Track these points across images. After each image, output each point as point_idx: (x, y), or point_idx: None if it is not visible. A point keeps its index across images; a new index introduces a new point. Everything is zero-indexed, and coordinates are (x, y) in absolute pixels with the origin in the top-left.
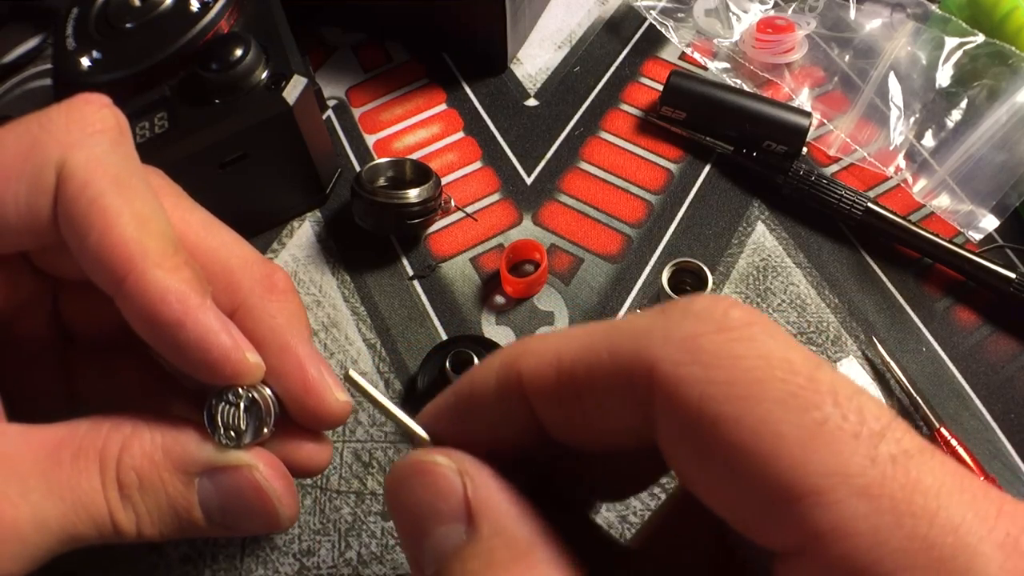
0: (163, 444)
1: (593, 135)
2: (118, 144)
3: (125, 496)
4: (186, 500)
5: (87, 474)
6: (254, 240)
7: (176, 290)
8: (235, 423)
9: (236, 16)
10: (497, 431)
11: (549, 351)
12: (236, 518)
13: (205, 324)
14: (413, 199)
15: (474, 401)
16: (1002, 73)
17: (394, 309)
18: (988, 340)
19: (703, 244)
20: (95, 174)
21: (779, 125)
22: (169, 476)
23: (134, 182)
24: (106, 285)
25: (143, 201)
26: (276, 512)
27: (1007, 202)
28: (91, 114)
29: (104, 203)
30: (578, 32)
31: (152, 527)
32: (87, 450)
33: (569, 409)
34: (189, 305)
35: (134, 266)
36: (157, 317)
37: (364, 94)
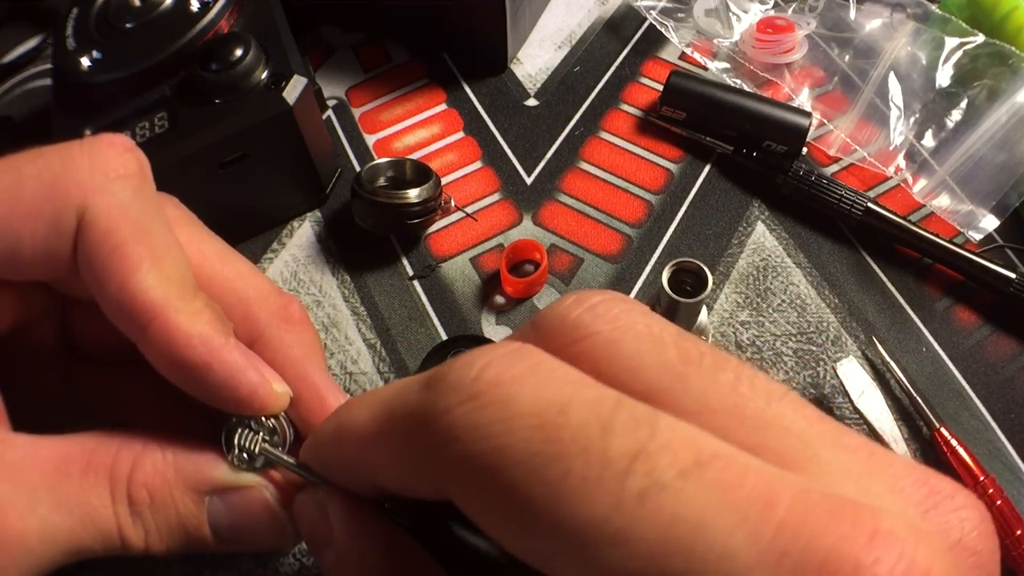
0: (175, 463)
1: (593, 135)
2: (140, 190)
3: (135, 512)
4: (196, 518)
5: (97, 489)
6: (254, 240)
7: (199, 334)
8: (251, 447)
9: (236, 16)
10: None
11: (359, 410)
12: (244, 536)
13: (231, 363)
14: (413, 199)
15: (322, 448)
16: (1002, 73)
17: (394, 309)
18: (988, 340)
19: (703, 244)
20: (117, 222)
21: (779, 125)
22: (180, 494)
23: (155, 228)
24: (128, 331)
25: (164, 248)
26: (284, 531)
27: (1007, 202)
28: (114, 158)
29: (126, 252)
30: (578, 32)
31: (160, 543)
32: (97, 466)
33: (381, 470)
34: (214, 347)
35: (156, 314)
36: (183, 362)
37: (364, 94)
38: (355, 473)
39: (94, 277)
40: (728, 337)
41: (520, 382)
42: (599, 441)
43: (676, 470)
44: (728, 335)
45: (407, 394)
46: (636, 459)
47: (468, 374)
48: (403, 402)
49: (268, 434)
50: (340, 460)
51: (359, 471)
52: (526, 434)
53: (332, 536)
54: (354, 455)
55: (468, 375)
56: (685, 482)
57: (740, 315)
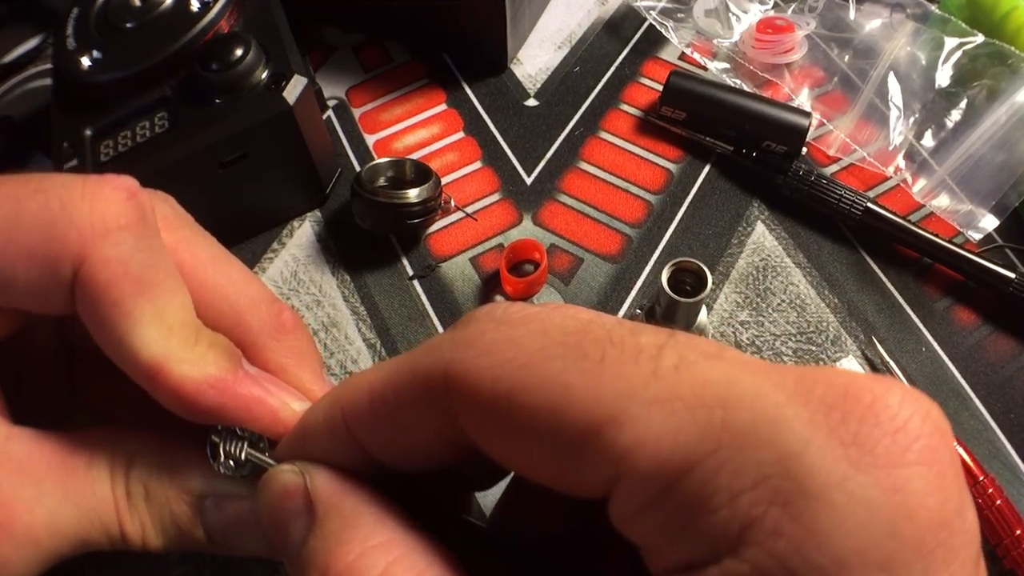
0: (171, 464)
1: (593, 135)
2: (141, 238)
3: (132, 506)
4: (189, 519)
5: (100, 483)
6: (254, 240)
7: (207, 378)
8: (236, 454)
9: (236, 16)
10: (337, 459)
11: (363, 383)
12: (236, 542)
13: (246, 396)
14: (413, 199)
15: (309, 436)
16: (1002, 73)
17: (394, 309)
18: (988, 340)
19: (703, 244)
20: (115, 277)
21: (779, 125)
22: (175, 495)
23: (157, 278)
24: (135, 379)
25: (166, 298)
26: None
27: (1007, 202)
28: (115, 205)
29: (125, 309)
30: (578, 32)
31: (156, 539)
32: (99, 460)
33: (386, 433)
34: (225, 385)
35: (159, 368)
36: (197, 408)
37: (364, 94)
38: (347, 452)
39: (95, 328)
40: (728, 337)
41: (549, 313)
42: (630, 338)
43: (701, 353)
44: (728, 335)
45: (430, 345)
46: (664, 347)
47: (497, 309)
48: (428, 345)
49: (254, 440)
50: (331, 440)
51: (353, 447)
52: (560, 338)
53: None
54: (355, 427)
55: (497, 309)
56: (710, 361)
57: (740, 315)
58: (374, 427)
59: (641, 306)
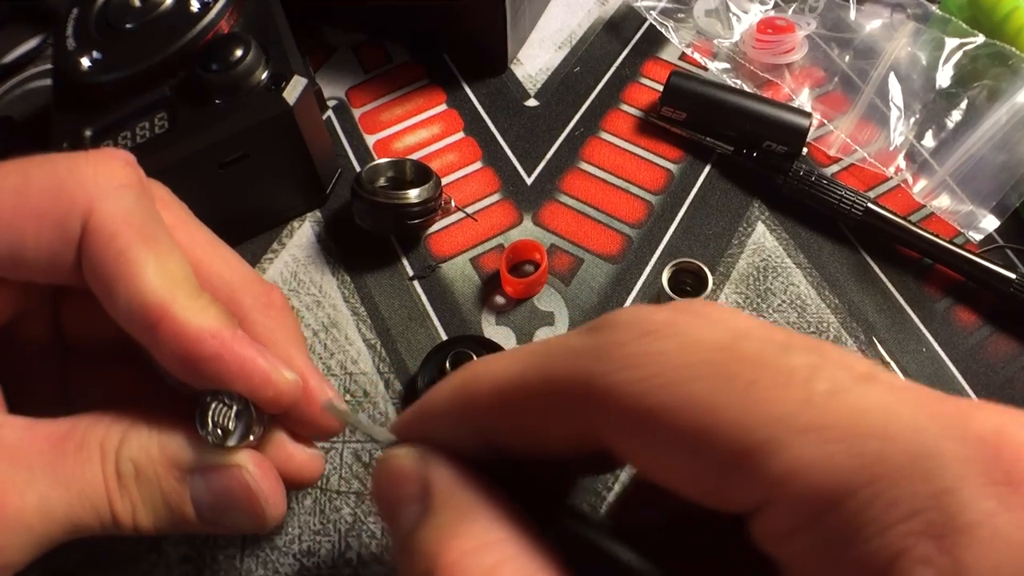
0: (159, 440)
1: (593, 135)
2: (141, 198)
3: (123, 486)
4: (179, 495)
5: (89, 464)
6: (254, 240)
7: (208, 327)
8: (224, 423)
9: (236, 16)
10: (455, 442)
11: (493, 376)
12: (225, 515)
13: (241, 354)
14: (413, 199)
15: (432, 416)
16: (1002, 74)
17: (394, 309)
18: (988, 340)
19: (703, 244)
20: (121, 227)
21: (779, 125)
22: (164, 471)
23: (158, 235)
24: (138, 332)
25: (167, 252)
26: (263, 512)
27: (1007, 202)
28: (117, 168)
29: (132, 255)
30: (578, 32)
31: (147, 519)
32: (89, 442)
33: (512, 426)
34: (223, 339)
35: (165, 312)
36: (195, 356)
37: (364, 94)
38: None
39: (101, 280)
40: None
41: (693, 322)
42: (781, 358)
43: (854, 377)
44: None
45: (569, 340)
46: (817, 369)
47: (639, 315)
48: (566, 346)
49: (241, 408)
50: (452, 424)
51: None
52: (708, 356)
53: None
54: (485, 405)
55: (639, 316)
56: (864, 386)
57: None
58: (500, 420)
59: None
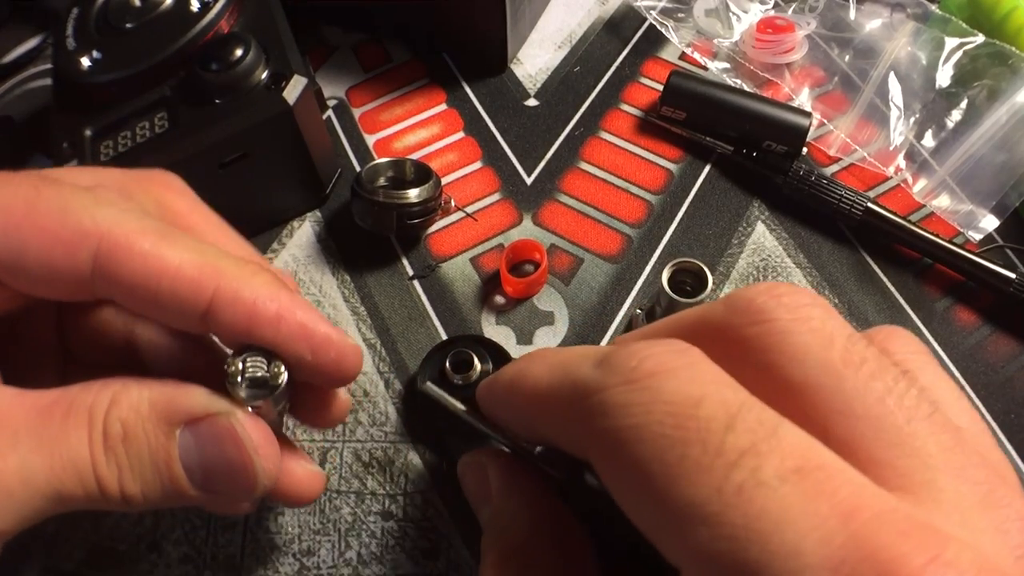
0: (150, 396)
1: (593, 135)
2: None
3: (109, 448)
4: (166, 452)
5: (76, 430)
6: (254, 240)
7: (266, 292)
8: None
9: (236, 16)
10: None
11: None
12: (215, 474)
13: (303, 316)
14: (413, 199)
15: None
16: (1002, 73)
17: (394, 309)
18: (988, 340)
19: (703, 244)
20: (137, 237)
21: (779, 125)
22: (152, 427)
23: (178, 232)
24: (190, 312)
25: (194, 238)
26: (253, 465)
27: (1007, 202)
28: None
29: (161, 250)
30: (578, 32)
31: (134, 484)
32: (78, 407)
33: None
34: (282, 302)
35: (218, 280)
36: (256, 319)
37: (364, 94)
38: (521, 418)
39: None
40: None
41: (672, 375)
42: (719, 434)
43: (777, 472)
44: None
45: (581, 364)
46: (745, 455)
47: (631, 362)
48: (576, 370)
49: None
50: (510, 406)
51: (525, 418)
52: (660, 418)
53: (490, 494)
54: (525, 404)
55: (630, 363)
56: (781, 484)
57: None
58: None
59: (641, 306)
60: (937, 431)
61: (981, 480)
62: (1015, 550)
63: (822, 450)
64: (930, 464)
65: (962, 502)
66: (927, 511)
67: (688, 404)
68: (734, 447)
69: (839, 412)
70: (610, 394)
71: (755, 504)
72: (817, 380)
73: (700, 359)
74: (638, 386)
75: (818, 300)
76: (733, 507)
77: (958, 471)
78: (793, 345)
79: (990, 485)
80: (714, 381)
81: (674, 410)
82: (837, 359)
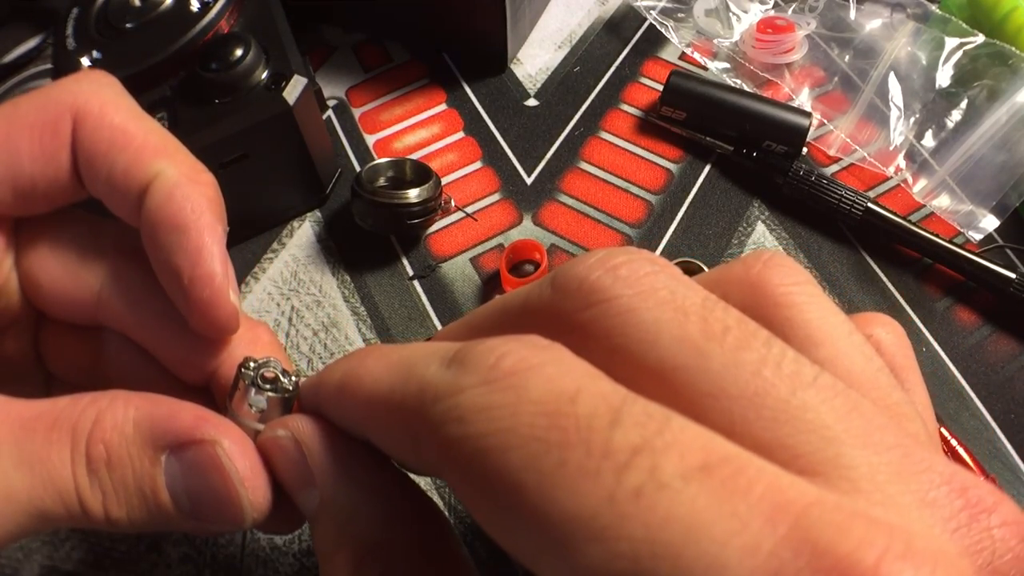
0: (135, 416)
1: (593, 135)
2: (122, 92)
3: (92, 471)
4: (151, 479)
5: (58, 447)
6: (254, 240)
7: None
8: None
9: (236, 16)
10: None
11: (368, 385)
12: (202, 503)
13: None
14: (413, 199)
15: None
16: (1002, 73)
17: (394, 309)
18: (988, 340)
19: (703, 244)
20: (110, 108)
21: (779, 125)
22: (136, 451)
23: (146, 116)
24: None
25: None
26: (239, 498)
27: (1007, 202)
28: (99, 74)
29: (128, 127)
30: (578, 32)
31: (119, 508)
32: (62, 423)
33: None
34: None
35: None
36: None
37: (364, 94)
38: (354, 427)
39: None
40: None
41: (537, 372)
42: (603, 432)
43: (679, 470)
44: None
45: (428, 362)
46: (638, 453)
47: (487, 360)
48: (423, 371)
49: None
50: (341, 412)
51: (359, 426)
52: (530, 419)
53: (311, 477)
54: (359, 410)
55: (487, 360)
56: (686, 484)
57: None
58: (369, 417)
59: None
60: (828, 396)
61: (891, 443)
62: (948, 523)
63: (722, 441)
64: (830, 437)
65: (877, 476)
66: (847, 495)
67: (562, 401)
68: (623, 445)
69: (709, 395)
70: (466, 396)
71: (657, 511)
72: (676, 361)
73: (566, 353)
74: (500, 385)
75: (658, 263)
76: (630, 517)
77: (863, 438)
78: (641, 325)
79: (902, 447)
80: (587, 374)
81: (546, 409)
82: (696, 333)
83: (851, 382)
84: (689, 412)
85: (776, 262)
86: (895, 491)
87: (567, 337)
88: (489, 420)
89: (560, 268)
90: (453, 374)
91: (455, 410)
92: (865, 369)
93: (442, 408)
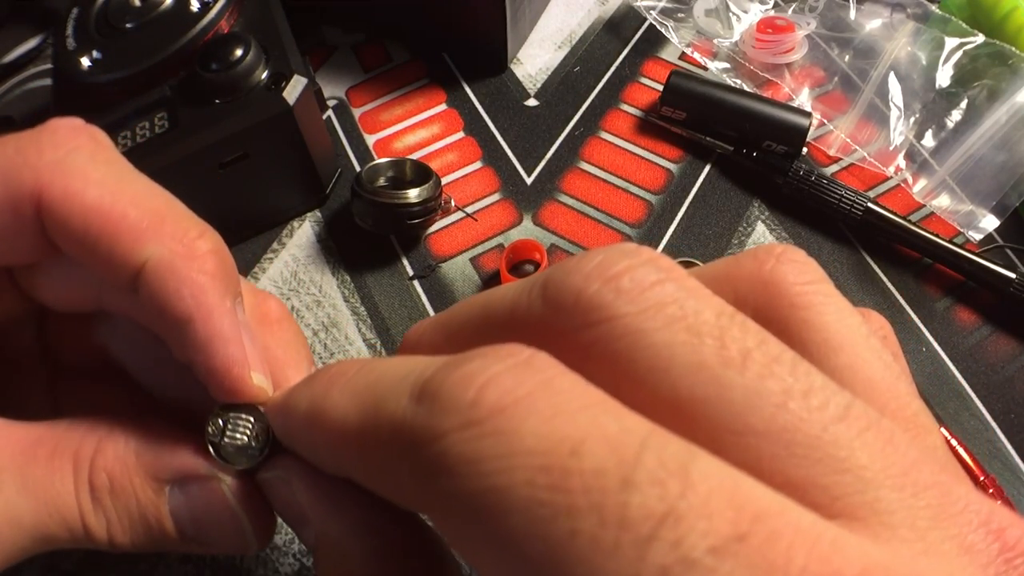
0: (136, 449)
1: (593, 135)
2: (95, 154)
3: (96, 499)
4: (156, 508)
5: (61, 473)
6: (254, 240)
7: (194, 283)
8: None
9: (236, 16)
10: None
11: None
12: (207, 533)
13: (216, 331)
14: (413, 199)
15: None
16: (1002, 73)
17: (394, 309)
18: (988, 340)
19: (703, 244)
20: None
21: (779, 125)
22: (140, 481)
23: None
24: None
25: (143, 186)
26: (243, 531)
27: (1007, 202)
28: (64, 136)
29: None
30: (578, 32)
31: (123, 535)
32: (63, 450)
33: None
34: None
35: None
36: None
37: (364, 94)
38: (329, 463)
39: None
40: None
41: (527, 408)
42: (617, 495)
43: (710, 543)
44: None
45: (398, 395)
46: (662, 524)
47: (466, 394)
48: (392, 406)
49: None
50: (311, 446)
51: (333, 463)
52: (528, 476)
53: (305, 513)
54: (330, 450)
55: (466, 395)
56: (720, 560)
57: None
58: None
59: None
60: (861, 429)
61: (929, 482)
62: (986, 570)
63: (751, 485)
64: (867, 479)
65: (918, 522)
66: (891, 548)
67: (562, 451)
68: (643, 513)
69: (733, 431)
70: (449, 443)
71: None
72: (693, 393)
73: (558, 371)
74: (486, 429)
75: (663, 267)
76: None
77: (900, 478)
78: (650, 349)
79: (939, 486)
80: (586, 406)
81: (545, 462)
82: (712, 359)
83: (871, 391)
84: (710, 447)
85: (789, 257)
86: (936, 538)
87: (564, 355)
88: (480, 476)
89: (551, 274)
90: (427, 412)
91: (440, 459)
92: (885, 377)
93: (425, 457)
